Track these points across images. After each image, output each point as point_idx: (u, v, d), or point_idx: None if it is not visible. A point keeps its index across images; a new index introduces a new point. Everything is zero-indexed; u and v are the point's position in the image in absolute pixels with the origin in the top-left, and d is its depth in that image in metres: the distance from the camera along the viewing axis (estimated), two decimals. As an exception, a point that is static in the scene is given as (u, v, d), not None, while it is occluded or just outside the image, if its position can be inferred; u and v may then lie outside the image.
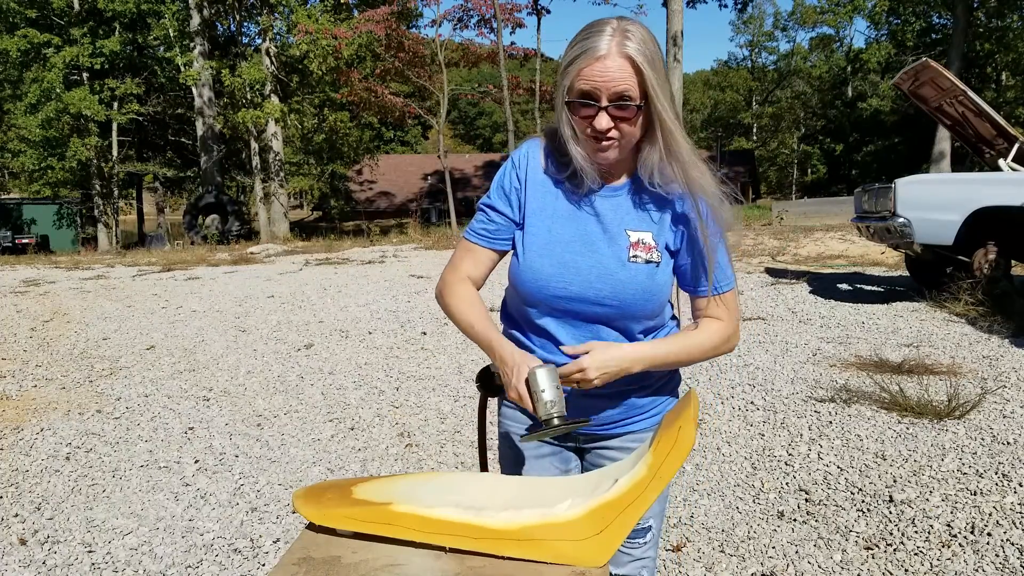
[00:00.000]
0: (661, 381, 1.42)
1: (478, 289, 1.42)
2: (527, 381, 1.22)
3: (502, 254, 1.40)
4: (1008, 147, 6.85)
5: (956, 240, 5.92)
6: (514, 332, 1.42)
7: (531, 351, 1.37)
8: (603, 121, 1.21)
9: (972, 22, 27.72)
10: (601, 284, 1.29)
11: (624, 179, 1.33)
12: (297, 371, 5.09)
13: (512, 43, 21.65)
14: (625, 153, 1.27)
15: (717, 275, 1.31)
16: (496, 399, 1.50)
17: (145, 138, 28.89)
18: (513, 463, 1.48)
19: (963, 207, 5.87)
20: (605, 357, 1.24)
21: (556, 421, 1.19)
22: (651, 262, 1.29)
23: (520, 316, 1.40)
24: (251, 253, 14.90)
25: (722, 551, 2.48)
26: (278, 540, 2.68)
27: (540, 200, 1.34)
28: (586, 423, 1.29)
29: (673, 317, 1.44)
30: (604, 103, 1.20)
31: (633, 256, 1.29)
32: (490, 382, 1.38)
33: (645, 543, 1.43)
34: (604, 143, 1.24)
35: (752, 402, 3.92)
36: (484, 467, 1.51)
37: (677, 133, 1.24)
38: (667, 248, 1.31)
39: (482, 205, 1.39)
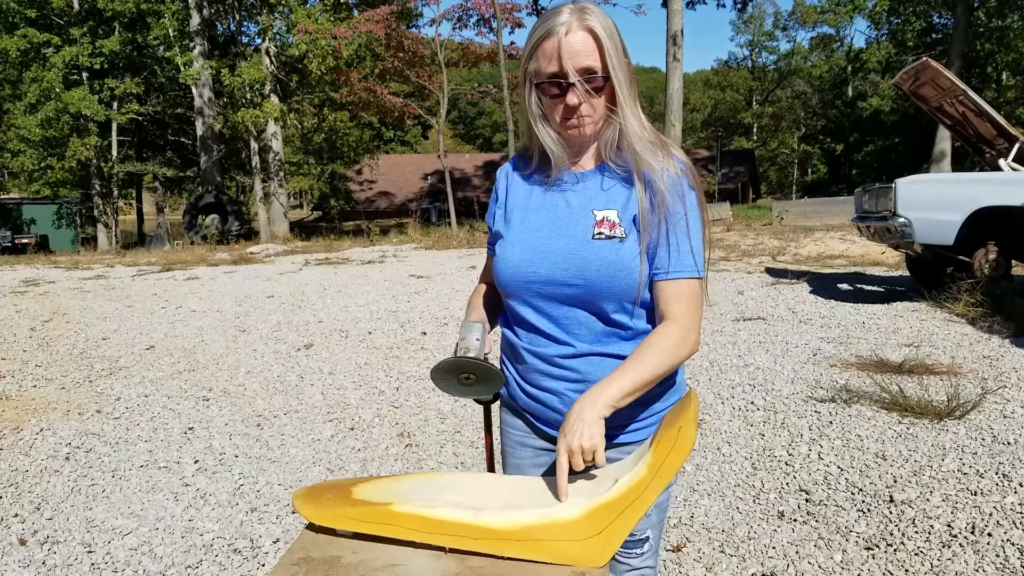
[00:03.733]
0: (655, 389, 1.36)
1: None
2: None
3: None
4: (1008, 147, 6.85)
5: (956, 240, 5.92)
6: (506, 331, 1.46)
7: (517, 346, 1.40)
8: (573, 97, 1.24)
9: (972, 22, 27.73)
10: (567, 264, 1.31)
11: (592, 164, 1.36)
12: (297, 371, 5.08)
13: (512, 43, 21.63)
14: (597, 127, 1.30)
15: (671, 256, 1.27)
16: (497, 407, 1.55)
17: (145, 138, 28.89)
18: (514, 468, 1.51)
19: (963, 207, 5.87)
20: (569, 432, 1.18)
21: (470, 356, 1.35)
22: (614, 237, 1.30)
23: (508, 312, 1.43)
24: (251, 253, 14.90)
25: (722, 551, 2.48)
26: (278, 540, 2.68)
27: (517, 197, 1.41)
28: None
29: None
30: (572, 79, 1.23)
31: (598, 233, 1.30)
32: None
33: (643, 553, 1.43)
34: (575, 120, 1.28)
35: (752, 402, 3.92)
36: (491, 468, 1.52)
37: (628, 110, 1.27)
38: (634, 224, 1.30)
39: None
